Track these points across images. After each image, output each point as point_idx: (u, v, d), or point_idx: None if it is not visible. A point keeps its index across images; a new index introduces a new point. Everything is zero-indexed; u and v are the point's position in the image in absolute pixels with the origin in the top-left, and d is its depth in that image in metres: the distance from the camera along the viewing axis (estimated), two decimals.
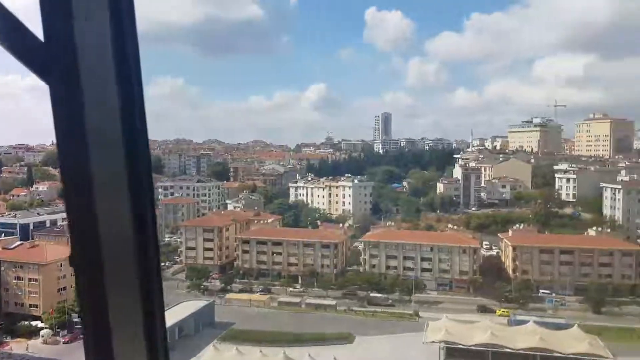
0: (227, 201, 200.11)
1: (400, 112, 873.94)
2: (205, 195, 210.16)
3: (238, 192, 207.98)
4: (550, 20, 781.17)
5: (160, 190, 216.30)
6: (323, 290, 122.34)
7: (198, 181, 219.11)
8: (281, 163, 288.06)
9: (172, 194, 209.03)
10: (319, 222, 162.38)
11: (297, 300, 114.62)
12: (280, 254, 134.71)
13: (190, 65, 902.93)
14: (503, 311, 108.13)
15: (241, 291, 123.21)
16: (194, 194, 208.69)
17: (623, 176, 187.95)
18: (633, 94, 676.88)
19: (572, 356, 77.17)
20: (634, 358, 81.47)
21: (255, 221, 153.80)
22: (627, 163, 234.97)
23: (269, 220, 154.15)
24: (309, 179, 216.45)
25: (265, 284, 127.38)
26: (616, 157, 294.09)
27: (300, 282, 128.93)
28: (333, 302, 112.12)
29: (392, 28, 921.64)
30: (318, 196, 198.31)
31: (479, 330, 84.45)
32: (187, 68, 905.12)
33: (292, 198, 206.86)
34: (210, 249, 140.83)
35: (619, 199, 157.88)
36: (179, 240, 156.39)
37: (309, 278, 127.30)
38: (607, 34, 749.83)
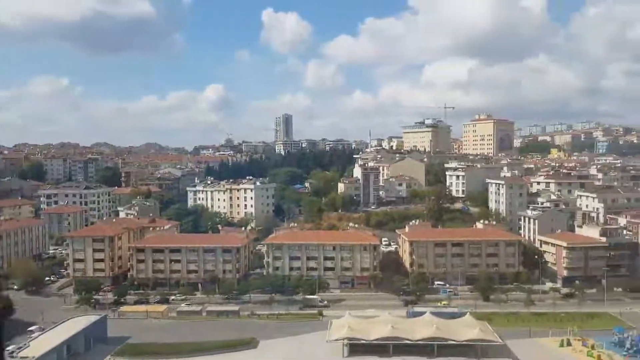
0: (119, 208, 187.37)
1: (301, 114, 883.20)
2: (94, 203, 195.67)
3: (131, 198, 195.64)
4: (438, 27, 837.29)
5: (42, 199, 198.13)
6: (225, 296, 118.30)
7: (85, 188, 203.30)
8: (178, 166, 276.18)
9: (56, 202, 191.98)
10: (220, 227, 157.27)
11: (197, 308, 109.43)
12: (178, 261, 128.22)
13: (76, 63, 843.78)
14: (444, 304, 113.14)
15: (137, 303, 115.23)
16: (81, 202, 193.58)
17: (505, 172, 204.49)
18: (512, 96, 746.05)
19: (465, 342, 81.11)
20: (519, 339, 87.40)
21: (151, 228, 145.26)
22: (508, 160, 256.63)
23: (166, 227, 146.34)
24: (209, 182, 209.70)
25: (163, 294, 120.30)
26: (499, 154, 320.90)
27: (201, 289, 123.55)
28: (236, 308, 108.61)
29: (289, 30, 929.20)
30: (219, 200, 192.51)
31: (380, 325, 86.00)
32: (71, 67, 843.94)
33: (190, 203, 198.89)
34: (101, 260, 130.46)
35: (502, 194, 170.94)
36: (64, 252, 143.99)
37: (210, 285, 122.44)
38: (488, 41, 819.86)
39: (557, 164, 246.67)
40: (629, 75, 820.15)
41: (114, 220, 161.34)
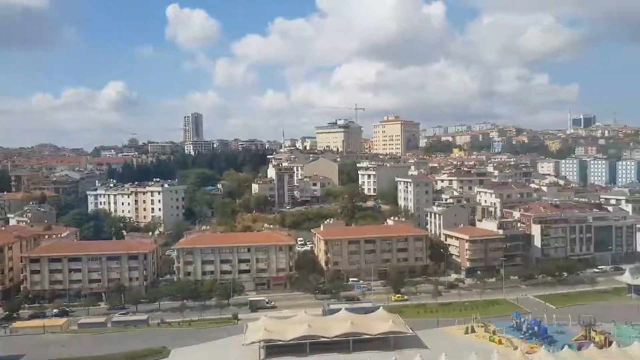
0: (9, 215, 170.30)
1: (212, 113, 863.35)
2: None
3: (23, 203, 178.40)
4: (346, 30, 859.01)
5: None
6: (133, 305, 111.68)
7: None
8: (77, 169, 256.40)
9: None
10: (124, 232, 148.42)
11: (101, 320, 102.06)
12: (79, 270, 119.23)
13: None
14: (399, 297, 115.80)
15: (32, 317, 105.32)
16: None
17: (413, 171, 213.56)
18: (417, 98, 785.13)
19: (379, 336, 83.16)
20: (428, 329, 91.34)
21: (46, 236, 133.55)
22: (415, 159, 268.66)
23: (64, 234, 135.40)
24: (111, 185, 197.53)
25: (61, 307, 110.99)
26: (407, 154, 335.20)
27: (105, 299, 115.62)
28: (145, 317, 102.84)
29: (196, 27, 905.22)
30: (123, 204, 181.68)
31: (297, 324, 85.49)
32: None
33: (91, 207, 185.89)
34: None
35: (410, 191, 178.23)
36: None
37: (116, 294, 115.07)
38: (394, 45, 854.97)
39: (458, 163, 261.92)
40: (519, 79, 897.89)
41: (3, 228, 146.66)
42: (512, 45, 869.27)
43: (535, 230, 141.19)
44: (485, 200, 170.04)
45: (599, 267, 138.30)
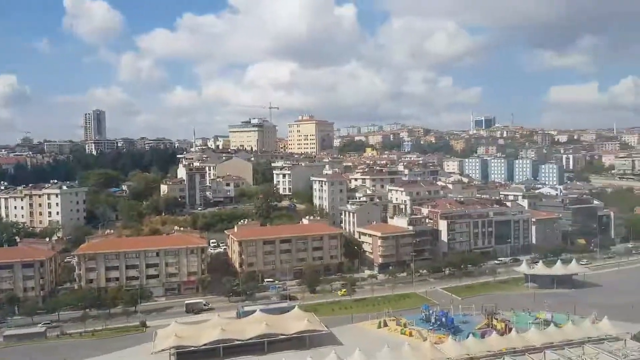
0: None
1: (116, 110, 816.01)
2: None
3: None
4: (259, 28, 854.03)
5: None
6: (27, 317, 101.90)
7: None
8: None
9: None
10: (17, 239, 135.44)
11: None
12: None
13: None
14: (344, 292, 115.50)
15: None
16: None
17: (327, 170, 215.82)
18: (330, 98, 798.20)
19: (294, 335, 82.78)
20: (343, 326, 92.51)
21: None
22: (329, 159, 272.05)
23: None
24: (2, 187, 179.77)
25: None
26: (321, 153, 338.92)
27: None
28: (42, 329, 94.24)
29: (98, 18, 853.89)
30: (15, 207, 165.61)
31: (209, 329, 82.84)
32: None
33: None
34: None
35: (325, 190, 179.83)
36: None
37: (9, 306, 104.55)
38: (307, 45, 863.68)
39: (371, 162, 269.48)
40: (426, 82, 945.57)
41: None
42: (420, 48, 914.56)
43: (442, 225, 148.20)
44: (397, 198, 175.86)
45: (499, 259, 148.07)
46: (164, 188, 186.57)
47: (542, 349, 74.75)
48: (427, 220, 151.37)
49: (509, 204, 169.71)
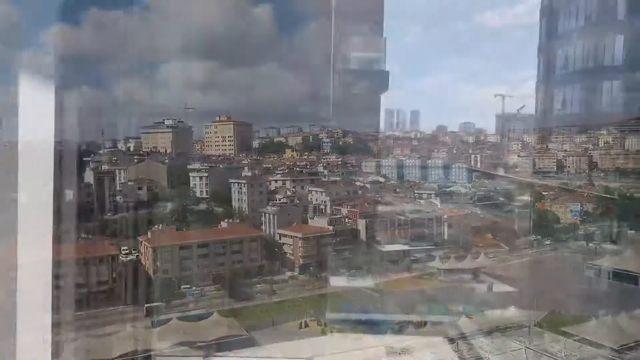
0: None
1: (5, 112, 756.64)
2: None
3: None
4: (172, 26, 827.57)
5: None
6: None
7: None
8: None
9: None
10: None
11: None
12: None
13: None
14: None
15: None
16: None
17: (246, 172, 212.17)
18: (249, 99, 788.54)
19: (213, 342, 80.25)
20: (264, 329, 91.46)
21: None
22: (249, 160, 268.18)
23: None
24: None
25: None
26: (240, 155, 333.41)
27: None
28: None
29: None
30: None
31: (121, 341, 78.41)
32: None
33: None
34: None
35: (244, 192, 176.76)
36: None
37: None
38: (223, 45, 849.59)
39: (291, 163, 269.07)
40: (342, 84, 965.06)
41: None
42: (336, 51, 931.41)
43: (361, 224, 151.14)
44: (317, 199, 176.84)
45: (414, 255, 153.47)
46: (69, 193, 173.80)
47: (455, 339, 78.18)
48: (346, 220, 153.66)
49: (422, 202, 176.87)
